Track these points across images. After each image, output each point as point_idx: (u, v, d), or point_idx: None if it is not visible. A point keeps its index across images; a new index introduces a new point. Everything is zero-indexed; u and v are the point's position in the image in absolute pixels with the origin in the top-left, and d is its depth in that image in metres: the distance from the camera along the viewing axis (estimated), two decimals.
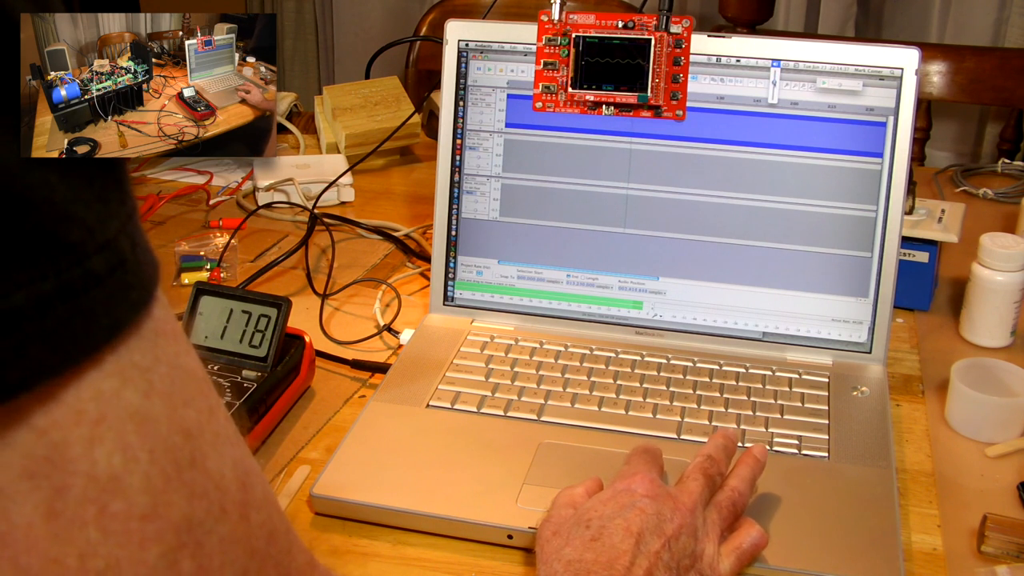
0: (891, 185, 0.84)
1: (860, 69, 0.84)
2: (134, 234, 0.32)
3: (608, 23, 0.86)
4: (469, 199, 0.93)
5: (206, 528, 0.33)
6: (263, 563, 0.36)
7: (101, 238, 0.30)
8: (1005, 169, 1.33)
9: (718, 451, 0.68)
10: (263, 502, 0.37)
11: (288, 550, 0.38)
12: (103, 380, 0.30)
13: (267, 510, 0.37)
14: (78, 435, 0.30)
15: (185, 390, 0.33)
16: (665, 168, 0.88)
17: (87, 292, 0.29)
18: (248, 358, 0.80)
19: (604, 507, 0.61)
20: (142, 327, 0.32)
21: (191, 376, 0.34)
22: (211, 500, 0.34)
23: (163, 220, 1.19)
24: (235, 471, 0.35)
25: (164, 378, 0.32)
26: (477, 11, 1.73)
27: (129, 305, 0.31)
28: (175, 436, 0.32)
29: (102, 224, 0.30)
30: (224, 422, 0.36)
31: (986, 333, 0.93)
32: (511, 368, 0.85)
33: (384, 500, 0.70)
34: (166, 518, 0.32)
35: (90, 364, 0.30)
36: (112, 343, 0.31)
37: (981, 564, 0.67)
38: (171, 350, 0.33)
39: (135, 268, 0.31)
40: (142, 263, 0.32)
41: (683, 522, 0.60)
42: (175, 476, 0.32)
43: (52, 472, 0.29)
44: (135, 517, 0.31)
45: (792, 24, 2.15)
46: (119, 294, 0.31)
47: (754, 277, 0.88)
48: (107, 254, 0.30)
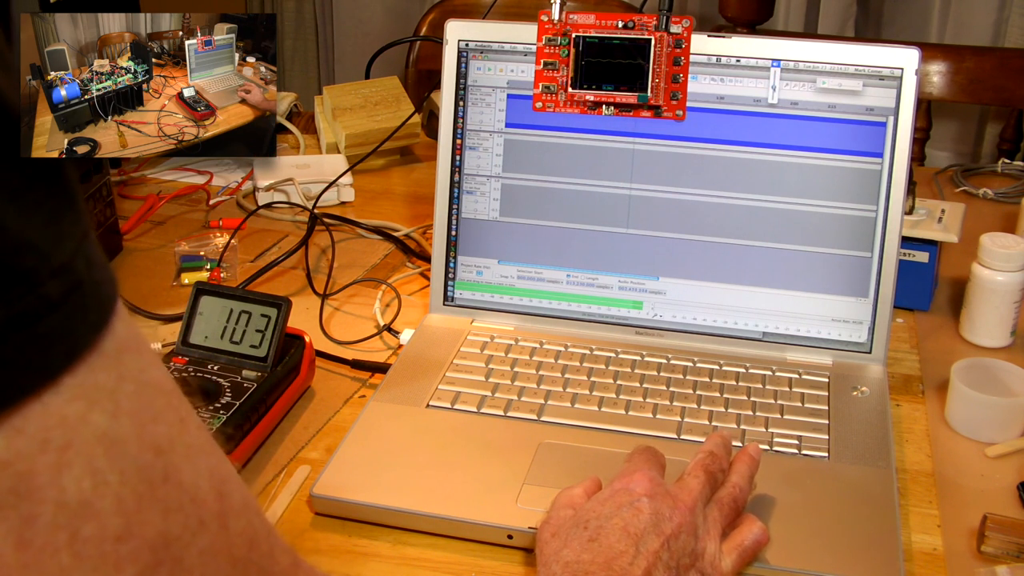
0: (891, 185, 0.84)
1: (860, 69, 0.84)
2: (89, 253, 0.31)
3: (608, 23, 0.86)
4: (469, 199, 0.93)
5: (184, 542, 0.33)
6: (246, 570, 0.36)
7: (55, 262, 0.30)
8: (1005, 169, 1.33)
9: (719, 448, 0.68)
10: (242, 508, 0.36)
11: (270, 553, 0.38)
12: (67, 405, 0.30)
13: (247, 516, 0.37)
14: (44, 463, 0.29)
15: (153, 405, 0.33)
16: (665, 168, 0.88)
17: (42, 319, 0.29)
18: (248, 358, 0.80)
19: (602, 507, 0.61)
20: (104, 347, 0.31)
21: (158, 390, 0.34)
22: (187, 514, 0.33)
23: (163, 220, 1.19)
24: (211, 481, 0.35)
25: (131, 396, 0.32)
26: (477, 11, 1.73)
27: (88, 327, 0.31)
28: (146, 454, 0.32)
29: (56, 247, 0.30)
30: (196, 432, 0.35)
31: (986, 333, 0.93)
32: (511, 368, 0.85)
33: (384, 500, 0.70)
34: (141, 537, 0.31)
35: (50, 390, 0.29)
36: (72, 367, 0.30)
37: (981, 564, 0.67)
38: (136, 366, 0.33)
39: (92, 289, 0.31)
40: (99, 282, 0.31)
41: (682, 521, 0.60)
42: (148, 494, 0.32)
43: (19, 503, 0.29)
44: (108, 539, 0.31)
45: (792, 24, 2.15)
46: (76, 317, 0.30)
47: (754, 277, 0.88)
48: (62, 278, 0.30)
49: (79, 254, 0.31)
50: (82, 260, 0.31)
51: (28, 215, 0.29)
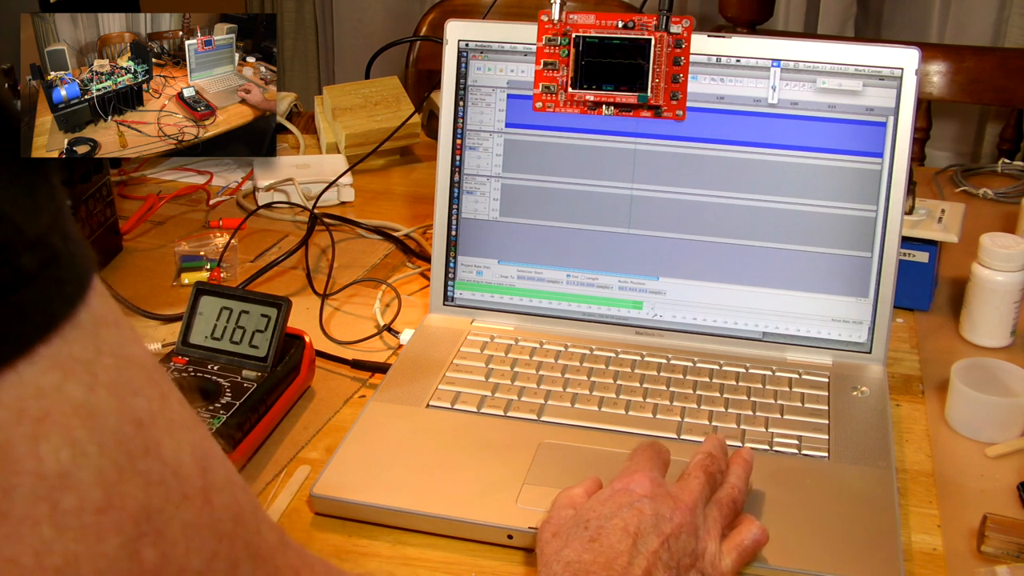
0: (891, 185, 0.84)
1: (860, 69, 0.84)
2: (65, 227, 0.32)
3: (608, 23, 0.86)
4: (469, 199, 0.93)
5: (167, 515, 0.33)
6: (232, 544, 0.36)
7: (30, 235, 0.30)
8: (1005, 169, 1.33)
9: (716, 450, 0.68)
10: (226, 483, 0.36)
11: (257, 529, 0.38)
12: (42, 376, 0.30)
13: (231, 491, 0.37)
14: (20, 434, 0.29)
15: (132, 379, 0.33)
16: (665, 168, 0.88)
17: (16, 291, 0.29)
18: (248, 358, 0.80)
19: (602, 507, 0.61)
20: (80, 319, 0.31)
21: (138, 364, 0.34)
22: (169, 487, 0.33)
23: (163, 220, 1.19)
24: (193, 455, 0.35)
25: (109, 369, 0.32)
26: (477, 11, 1.73)
27: (64, 299, 0.31)
28: (125, 426, 0.32)
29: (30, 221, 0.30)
30: (179, 407, 0.35)
31: (986, 333, 0.93)
32: (511, 368, 0.85)
33: (384, 500, 0.70)
34: (122, 509, 0.32)
35: (25, 361, 0.30)
36: (46, 338, 0.30)
37: (981, 564, 0.67)
38: (114, 340, 0.33)
39: (68, 262, 0.31)
40: (75, 256, 0.32)
41: (682, 520, 0.60)
42: (128, 466, 0.32)
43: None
44: (89, 511, 0.31)
45: (792, 24, 2.15)
46: (52, 289, 0.30)
47: (754, 277, 0.88)
48: (37, 251, 0.30)
49: (54, 228, 0.31)
50: (57, 234, 0.31)
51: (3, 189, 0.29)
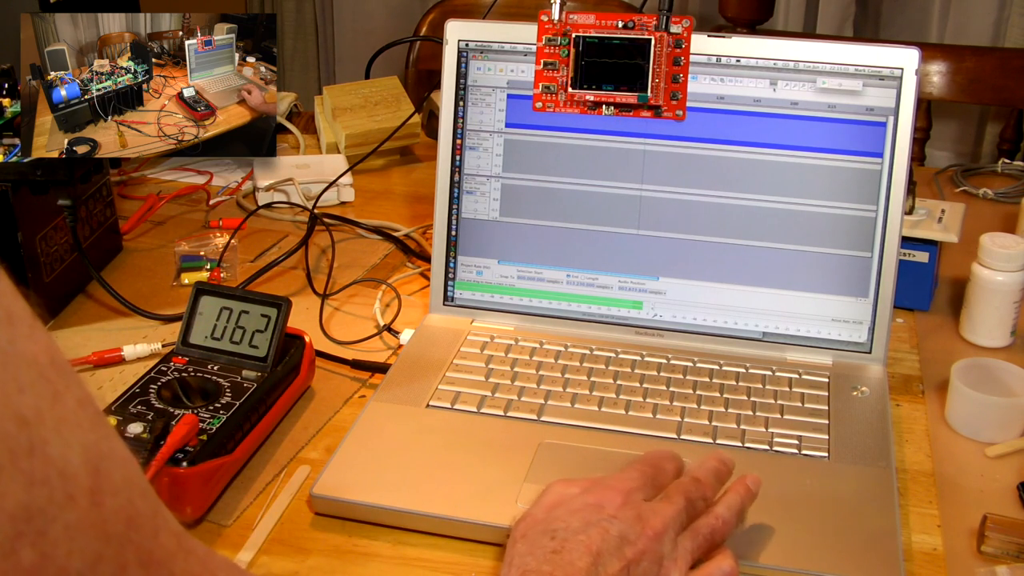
0: (891, 185, 0.84)
1: (860, 69, 0.84)
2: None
3: (608, 23, 0.86)
4: (469, 199, 0.93)
5: (49, 515, 0.33)
6: (121, 548, 0.36)
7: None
8: (1005, 169, 1.33)
9: (708, 475, 0.66)
10: (122, 486, 0.36)
11: (154, 534, 0.38)
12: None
13: (126, 494, 0.36)
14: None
15: (19, 376, 0.32)
16: (665, 168, 0.88)
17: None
18: (248, 358, 0.80)
19: (572, 518, 0.60)
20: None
21: (28, 362, 0.33)
22: (53, 487, 0.33)
23: (163, 220, 1.19)
24: (84, 456, 0.34)
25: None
26: (477, 11, 1.73)
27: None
28: (7, 424, 0.32)
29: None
30: (74, 407, 0.35)
31: (986, 333, 0.93)
32: (511, 368, 0.85)
33: (384, 500, 0.70)
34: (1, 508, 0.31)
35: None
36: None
37: (981, 564, 0.67)
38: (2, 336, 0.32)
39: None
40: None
41: (646, 548, 0.59)
42: (9, 464, 0.31)
43: None
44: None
45: (792, 24, 2.15)
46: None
47: (754, 277, 0.88)
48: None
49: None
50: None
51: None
